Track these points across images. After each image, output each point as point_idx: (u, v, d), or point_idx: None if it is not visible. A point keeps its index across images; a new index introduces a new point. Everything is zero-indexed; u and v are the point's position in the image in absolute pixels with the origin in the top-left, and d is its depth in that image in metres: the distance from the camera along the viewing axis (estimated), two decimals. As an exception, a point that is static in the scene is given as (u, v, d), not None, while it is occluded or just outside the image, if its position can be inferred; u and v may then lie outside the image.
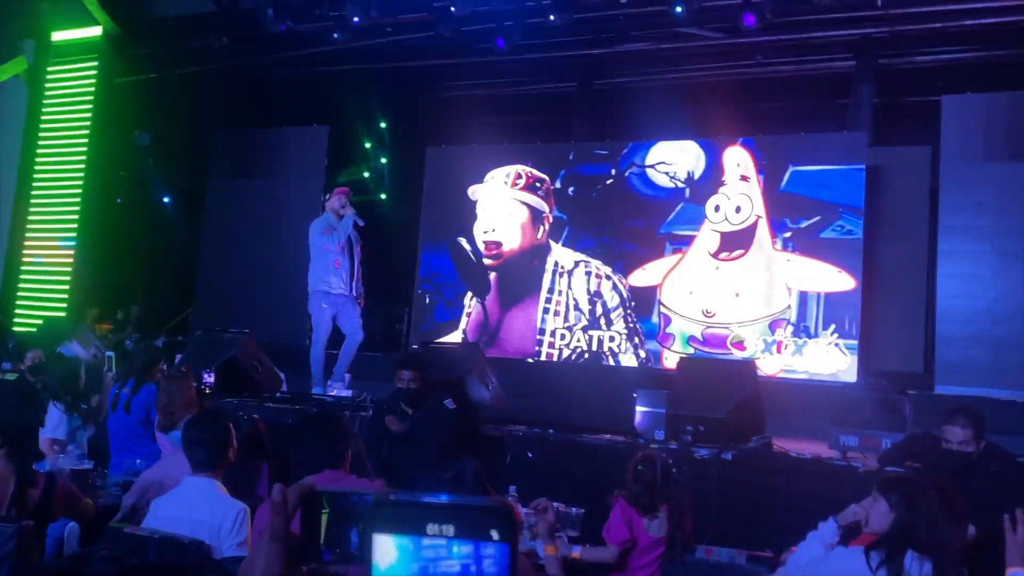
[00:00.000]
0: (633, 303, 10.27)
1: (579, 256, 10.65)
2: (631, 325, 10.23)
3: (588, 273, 10.57)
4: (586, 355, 10.36)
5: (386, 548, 0.94)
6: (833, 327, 9.20)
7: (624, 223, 10.54)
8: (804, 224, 9.58)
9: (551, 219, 10.89)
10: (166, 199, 12.21)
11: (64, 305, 11.44)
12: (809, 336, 9.33)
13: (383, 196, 13.07)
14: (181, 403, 5.08)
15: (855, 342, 9.08)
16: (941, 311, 8.55)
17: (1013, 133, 8.53)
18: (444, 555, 0.93)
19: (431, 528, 0.93)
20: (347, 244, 7.96)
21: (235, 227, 11.90)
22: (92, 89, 11.83)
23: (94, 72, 11.81)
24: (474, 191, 11.26)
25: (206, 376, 6.80)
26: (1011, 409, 7.45)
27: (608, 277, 10.47)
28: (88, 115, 11.76)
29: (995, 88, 8.97)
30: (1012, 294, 8.31)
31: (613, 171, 10.72)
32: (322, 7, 10.21)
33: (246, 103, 12.18)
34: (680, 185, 10.32)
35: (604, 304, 10.38)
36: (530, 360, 10.52)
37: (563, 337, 10.49)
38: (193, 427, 3.63)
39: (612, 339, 10.27)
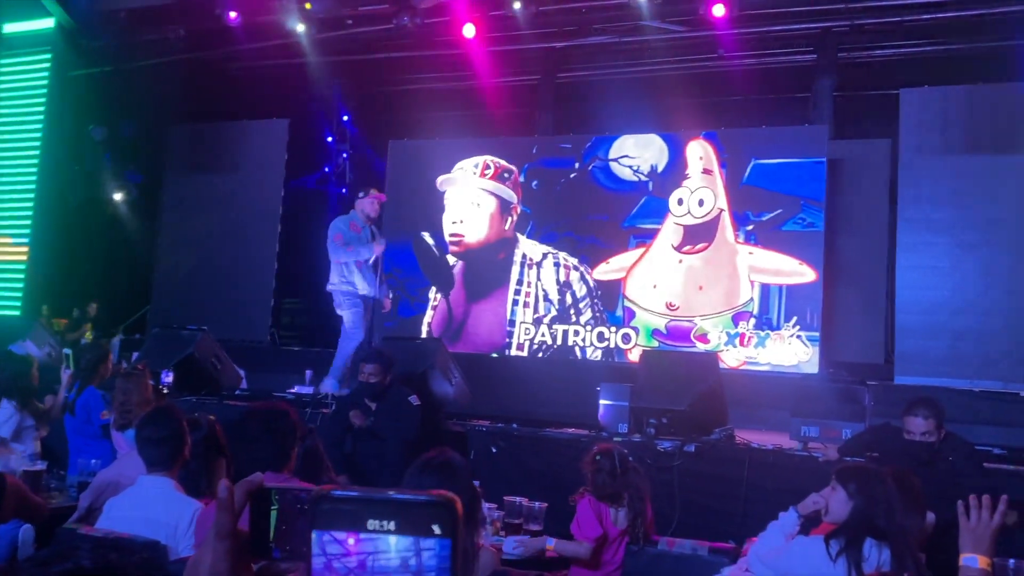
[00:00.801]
0: (600, 292, 10.28)
1: (546, 248, 10.64)
2: (598, 316, 10.25)
3: (557, 264, 10.56)
4: (551, 349, 10.35)
5: (326, 544, 0.93)
6: (795, 319, 9.28)
7: (588, 217, 10.54)
8: (766, 217, 9.65)
9: (519, 210, 10.86)
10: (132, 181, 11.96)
11: (18, 303, 11.21)
12: (771, 328, 9.40)
13: (344, 190, 12.96)
14: (137, 401, 4.99)
15: (817, 334, 9.16)
16: (900, 302, 8.66)
17: (970, 126, 8.65)
18: (384, 550, 0.92)
19: (372, 523, 0.91)
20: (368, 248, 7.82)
21: (193, 222, 11.72)
22: (45, 82, 11.60)
23: (47, 65, 11.58)
24: (442, 181, 11.18)
25: (165, 375, 6.68)
26: (968, 398, 7.58)
27: (576, 268, 10.48)
28: (41, 109, 11.53)
29: (952, 81, 9.09)
30: (969, 285, 8.42)
31: (577, 165, 10.71)
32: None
33: (204, 96, 11.99)
34: (643, 179, 10.34)
35: (574, 294, 10.37)
36: (494, 355, 10.49)
37: (528, 331, 10.47)
38: (146, 425, 3.54)
39: (577, 333, 10.27)
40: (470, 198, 11.10)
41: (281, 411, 3.46)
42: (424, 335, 10.95)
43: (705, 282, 9.80)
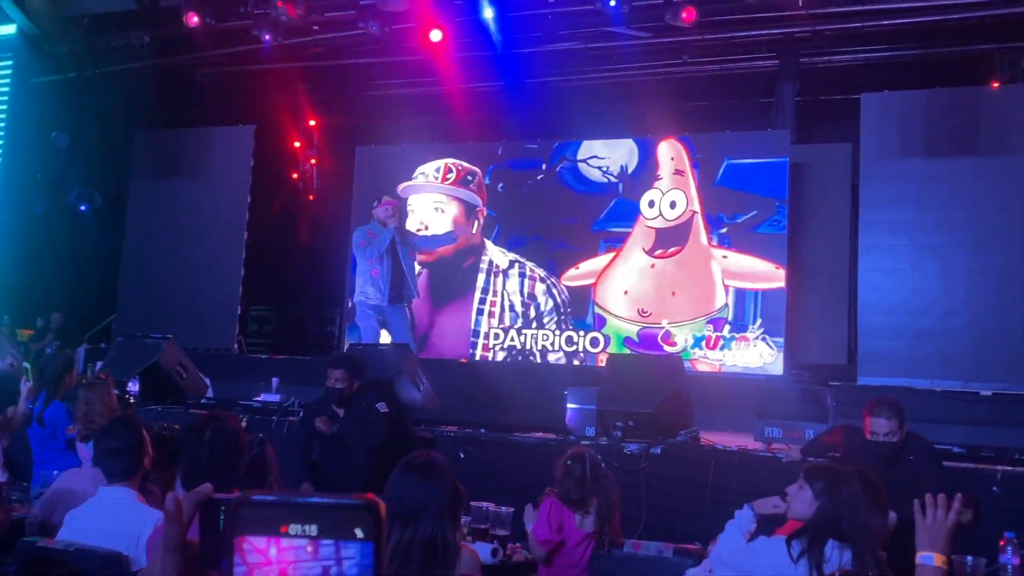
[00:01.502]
0: (569, 308, 10.22)
1: (513, 256, 10.56)
2: (565, 328, 10.19)
3: (523, 275, 10.48)
4: (519, 355, 10.33)
5: (247, 550, 0.92)
6: (760, 321, 9.36)
7: (556, 220, 10.48)
8: (740, 219, 9.63)
9: (485, 213, 10.81)
10: (82, 208, 11.80)
11: (-20, 313, 11.04)
12: (738, 331, 9.44)
13: (312, 197, 12.90)
14: (101, 411, 4.92)
15: (781, 336, 9.24)
16: (862, 304, 8.77)
17: (929, 130, 8.78)
18: (305, 556, 0.91)
19: (293, 528, 0.91)
20: (387, 253, 7.76)
21: (159, 230, 11.60)
22: (7, 89, 11.44)
23: (9, 71, 11.42)
24: (403, 188, 11.15)
25: (132, 385, 6.61)
26: (929, 398, 7.70)
27: (543, 280, 10.40)
28: (3, 115, 11.37)
29: (911, 86, 9.24)
30: (929, 286, 8.56)
31: (544, 166, 10.64)
32: (247, 5, 10.03)
33: (170, 102, 11.89)
34: (613, 180, 10.28)
35: (538, 307, 10.31)
36: (463, 361, 10.46)
37: (497, 337, 10.42)
38: (105, 436, 3.51)
39: (546, 337, 10.24)
40: (433, 204, 11.04)
41: (223, 420, 3.38)
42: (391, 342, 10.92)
43: (678, 287, 9.72)
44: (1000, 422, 7.36)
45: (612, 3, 8.86)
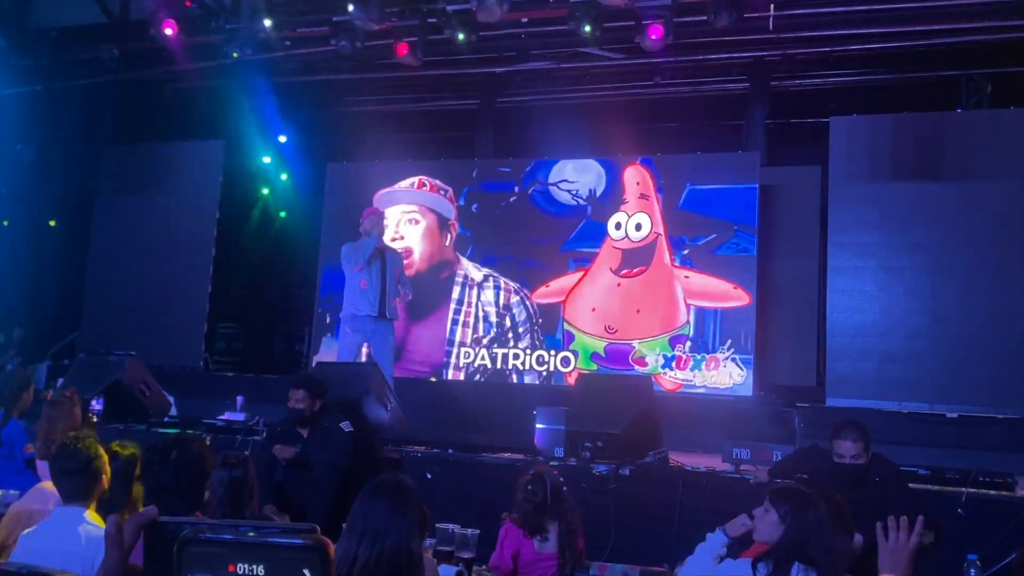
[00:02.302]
0: (540, 319, 10.30)
1: (488, 270, 10.64)
2: (537, 342, 10.26)
3: (498, 287, 10.56)
4: (490, 372, 10.32)
5: None
6: (729, 342, 9.41)
7: (528, 240, 10.59)
8: (701, 242, 9.80)
9: (457, 228, 10.84)
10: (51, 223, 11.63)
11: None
12: (707, 351, 9.52)
13: (283, 214, 12.80)
14: (62, 429, 4.81)
15: (751, 356, 9.31)
16: (831, 325, 8.83)
17: (896, 153, 8.89)
18: None
19: (241, 567, 0.87)
20: (375, 264, 7.65)
21: (125, 246, 11.44)
22: (-29, 101, 11.26)
23: (-27, 83, 11.25)
24: (379, 196, 11.14)
25: (96, 403, 6.48)
26: (896, 419, 7.76)
27: (516, 292, 10.49)
28: (-34, 128, 11.19)
29: (880, 110, 9.37)
30: (896, 308, 8.63)
31: (516, 188, 10.77)
32: (217, 19, 9.97)
33: (138, 117, 11.77)
34: (582, 203, 10.44)
35: (513, 317, 10.38)
36: (432, 379, 10.42)
37: (468, 355, 10.42)
38: (61, 456, 3.43)
39: (516, 356, 10.27)
40: (407, 215, 11.06)
41: (190, 442, 3.29)
42: (364, 356, 10.84)
43: (643, 305, 9.91)
44: (966, 444, 7.43)
45: (587, 28, 8.86)
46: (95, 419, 6.23)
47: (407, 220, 11.08)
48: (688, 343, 9.62)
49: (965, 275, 8.44)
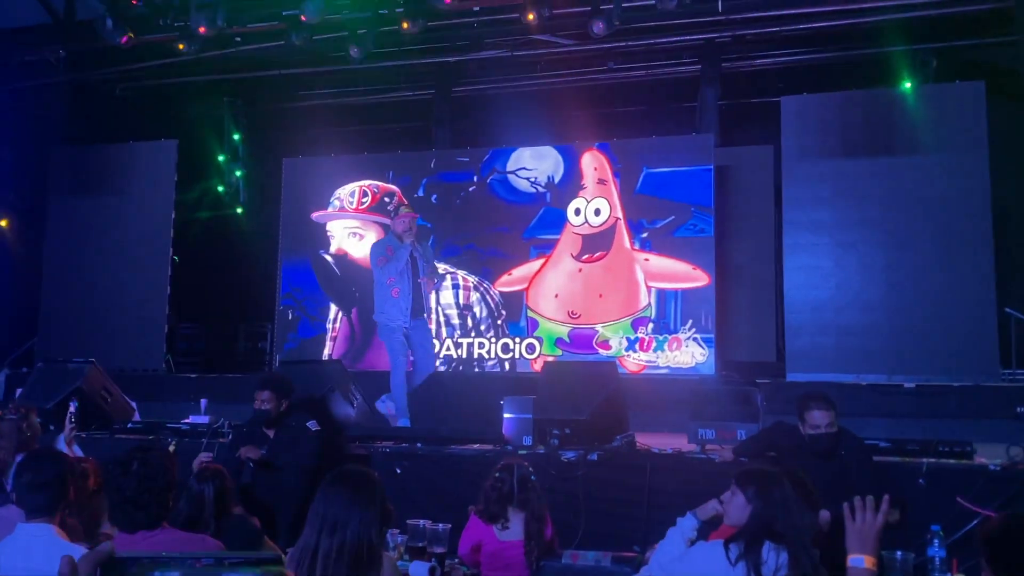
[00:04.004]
0: (503, 312, 10.32)
1: (444, 267, 10.60)
2: (501, 333, 10.29)
3: (456, 286, 10.56)
4: (455, 363, 10.34)
5: None
6: (691, 322, 9.53)
7: (489, 229, 10.61)
8: (660, 224, 9.89)
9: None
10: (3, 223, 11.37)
11: None
12: (669, 332, 9.62)
13: (240, 210, 12.66)
14: (8, 448, 4.70)
15: (712, 335, 9.43)
16: (788, 302, 8.97)
17: (846, 130, 9.03)
18: None
19: None
20: (407, 270, 7.57)
21: (80, 248, 11.24)
22: (-86, 106, 10.97)
23: (-85, 87, 10.96)
24: (318, 216, 11.14)
25: (72, 406, 6.31)
26: (856, 391, 7.91)
27: (476, 288, 10.48)
28: (-90, 134, 10.90)
29: (829, 88, 9.49)
30: (851, 283, 8.80)
31: (475, 178, 10.77)
32: (166, 17, 9.80)
33: (88, 118, 11.54)
34: (541, 190, 10.47)
35: (474, 315, 10.40)
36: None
37: (434, 347, 10.42)
38: (24, 471, 3.39)
39: (482, 345, 10.31)
40: (349, 229, 11.11)
41: (150, 452, 3.17)
42: (327, 354, 10.81)
43: (605, 290, 9.98)
44: (923, 413, 7.60)
45: (531, 17, 8.87)
46: (72, 421, 6.05)
47: (350, 235, 11.11)
48: (650, 325, 9.72)
49: (917, 247, 8.62)
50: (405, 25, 9.18)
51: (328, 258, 11.12)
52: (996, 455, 5.35)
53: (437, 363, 9.79)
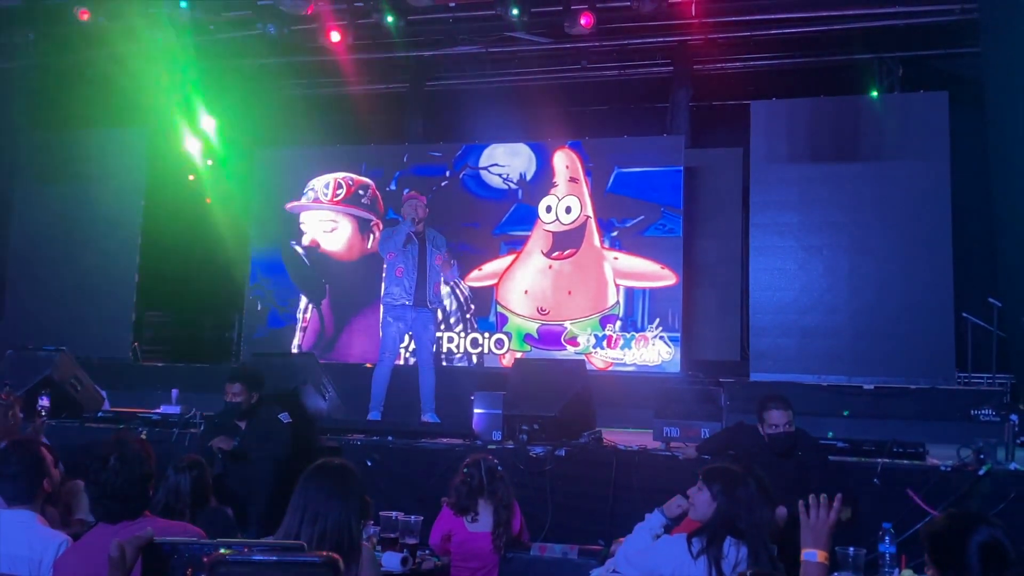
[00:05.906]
0: (472, 305, 10.40)
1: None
2: (470, 328, 10.35)
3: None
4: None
5: None
6: (658, 320, 9.68)
7: (460, 224, 10.63)
8: (629, 224, 10.02)
9: (381, 226, 10.80)
10: None
11: None
12: (636, 330, 9.77)
13: (209, 200, 12.57)
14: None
15: (678, 334, 9.59)
16: (754, 303, 9.14)
17: (813, 136, 9.21)
18: None
19: None
20: (411, 250, 7.52)
21: (47, 235, 11.09)
22: None
23: None
24: (291, 207, 11.12)
25: (42, 399, 6.29)
26: (816, 392, 8.11)
27: (446, 281, 10.51)
28: None
29: (797, 93, 9.68)
30: (815, 285, 8.99)
31: (448, 173, 10.82)
32: (139, 3, 9.74)
33: (57, 103, 11.39)
34: (513, 186, 10.55)
35: (444, 309, 10.43)
36: (368, 365, 10.42)
37: (433, 344, 10.45)
38: (1, 460, 3.43)
39: (451, 339, 10.37)
40: (324, 223, 11.13)
41: (128, 445, 3.14)
42: (296, 346, 10.82)
43: (574, 287, 10.10)
44: (880, 414, 7.81)
45: (514, 12, 8.97)
46: (43, 414, 6.03)
47: (324, 227, 11.11)
48: (618, 323, 9.85)
49: (880, 253, 8.83)
50: (391, 20, 9.22)
51: (299, 249, 11.12)
52: (948, 456, 5.53)
53: (405, 356, 9.85)
